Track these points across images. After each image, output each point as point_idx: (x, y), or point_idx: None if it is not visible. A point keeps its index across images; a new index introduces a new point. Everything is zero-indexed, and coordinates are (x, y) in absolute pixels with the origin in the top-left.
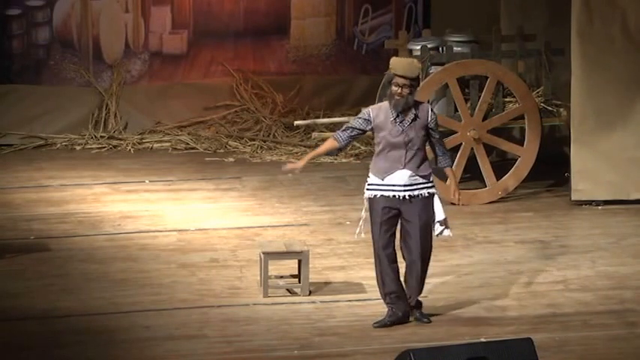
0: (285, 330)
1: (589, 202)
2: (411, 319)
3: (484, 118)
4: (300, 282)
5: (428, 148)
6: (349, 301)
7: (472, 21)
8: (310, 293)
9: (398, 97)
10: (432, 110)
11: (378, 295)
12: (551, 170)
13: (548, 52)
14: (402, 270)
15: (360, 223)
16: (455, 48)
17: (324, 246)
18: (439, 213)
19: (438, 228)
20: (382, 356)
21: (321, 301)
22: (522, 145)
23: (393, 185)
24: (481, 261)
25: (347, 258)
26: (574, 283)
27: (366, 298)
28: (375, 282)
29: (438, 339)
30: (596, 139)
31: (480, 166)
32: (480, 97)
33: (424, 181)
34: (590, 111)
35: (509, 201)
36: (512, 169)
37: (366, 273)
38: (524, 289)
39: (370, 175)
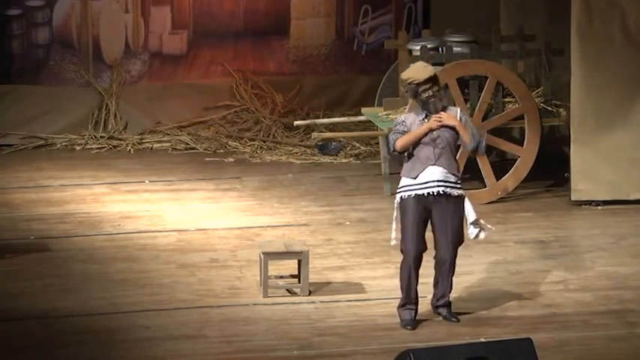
0: (284, 330)
1: (589, 202)
2: (439, 317)
3: (484, 119)
4: (299, 282)
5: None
6: (349, 301)
7: (472, 21)
8: (310, 293)
9: (433, 99)
10: (460, 112)
11: (377, 295)
12: (551, 170)
13: (548, 52)
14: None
15: (393, 228)
16: (454, 48)
17: (324, 246)
18: (471, 214)
19: (472, 231)
20: (382, 356)
21: (320, 301)
22: (522, 145)
23: (426, 182)
24: (481, 261)
25: (347, 258)
26: (573, 283)
27: (365, 298)
28: (375, 282)
29: (438, 339)
30: (595, 140)
31: (480, 166)
32: (479, 97)
33: (455, 180)
34: (590, 111)
35: (508, 201)
36: (512, 169)
37: (365, 273)
38: (524, 289)
39: (402, 179)
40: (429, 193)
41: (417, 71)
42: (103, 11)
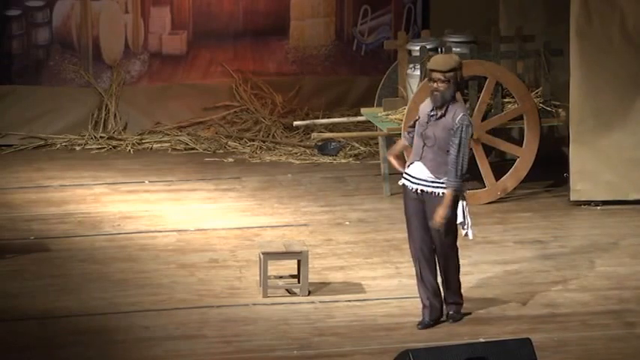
0: (284, 330)
1: (588, 203)
2: (443, 317)
3: (483, 119)
4: (299, 282)
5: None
6: (348, 301)
7: (471, 22)
8: (309, 293)
9: (435, 93)
10: (462, 116)
11: (377, 295)
12: (550, 171)
13: (547, 52)
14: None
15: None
16: (454, 49)
17: (324, 246)
18: (459, 217)
19: (462, 230)
20: (381, 356)
21: (320, 302)
22: (521, 145)
23: (411, 176)
24: (480, 261)
25: (346, 258)
26: (573, 284)
27: (365, 298)
28: (374, 282)
29: (437, 339)
30: (594, 140)
31: (479, 166)
32: (478, 97)
33: (436, 180)
34: (589, 111)
35: (508, 201)
36: (511, 169)
37: (365, 273)
38: (523, 289)
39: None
40: (412, 189)
41: (437, 59)
42: (103, 11)
